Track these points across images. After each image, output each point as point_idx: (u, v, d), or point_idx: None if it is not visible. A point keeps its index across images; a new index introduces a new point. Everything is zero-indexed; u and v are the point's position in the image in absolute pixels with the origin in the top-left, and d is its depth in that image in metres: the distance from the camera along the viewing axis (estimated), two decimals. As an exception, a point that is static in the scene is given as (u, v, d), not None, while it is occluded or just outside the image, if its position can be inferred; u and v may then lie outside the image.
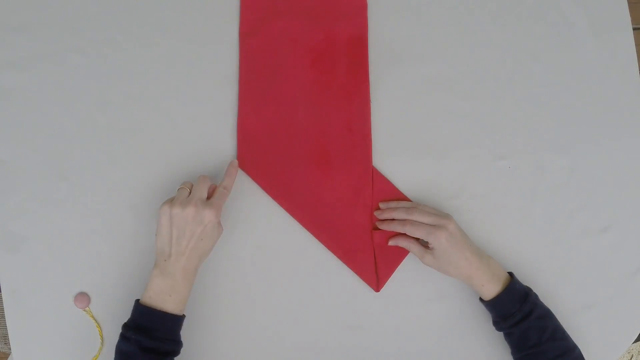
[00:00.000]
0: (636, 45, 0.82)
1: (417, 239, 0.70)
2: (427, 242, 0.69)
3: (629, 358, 1.27)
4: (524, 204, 0.76)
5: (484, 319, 0.73)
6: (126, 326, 0.62)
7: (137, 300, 0.63)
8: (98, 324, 0.69)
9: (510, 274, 0.69)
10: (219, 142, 0.74)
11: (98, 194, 0.72)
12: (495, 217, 0.75)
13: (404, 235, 0.70)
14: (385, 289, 0.72)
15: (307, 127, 0.75)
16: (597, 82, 0.80)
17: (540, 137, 0.78)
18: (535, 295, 0.68)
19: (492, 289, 0.67)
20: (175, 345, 0.62)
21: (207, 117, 0.75)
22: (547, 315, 0.67)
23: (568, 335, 0.67)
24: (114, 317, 0.69)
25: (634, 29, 0.82)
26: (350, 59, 0.77)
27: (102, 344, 0.69)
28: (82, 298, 0.69)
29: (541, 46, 0.80)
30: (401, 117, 0.77)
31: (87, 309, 0.69)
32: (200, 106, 0.75)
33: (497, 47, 0.80)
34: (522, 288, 0.68)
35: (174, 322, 0.62)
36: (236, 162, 0.71)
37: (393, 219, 0.72)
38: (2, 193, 0.71)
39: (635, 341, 1.11)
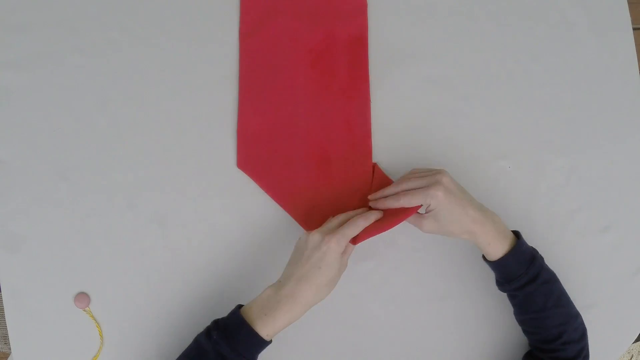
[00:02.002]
0: (636, 45, 0.82)
1: None
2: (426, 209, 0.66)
3: (629, 358, 1.27)
4: (524, 204, 0.76)
5: (484, 318, 0.73)
6: (216, 323, 0.61)
7: (239, 306, 0.62)
8: (98, 324, 0.69)
9: (517, 233, 0.67)
10: (219, 142, 0.74)
11: (98, 194, 0.72)
12: (495, 217, 0.75)
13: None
14: (385, 288, 0.72)
15: (307, 127, 0.75)
16: (597, 82, 0.80)
17: (540, 137, 0.78)
18: (542, 258, 0.67)
19: (498, 249, 0.64)
20: None
21: (207, 117, 0.75)
22: (552, 280, 0.66)
23: (572, 302, 0.67)
24: (114, 317, 0.70)
25: (634, 29, 0.82)
26: (350, 59, 0.77)
27: (102, 344, 0.69)
28: (82, 298, 0.69)
29: (541, 46, 0.80)
30: (401, 117, 0.77)
31: (87, 309, 0.69)
32: (200, 106, 0.75)
33: (497, 47, 0.80)
34: (528, 250, 0.66)
35: (257, 343, 0.60)
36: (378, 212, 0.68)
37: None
38: (2, 193, 0.71)
39: (635, 341, 1.11)
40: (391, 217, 0.67)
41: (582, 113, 0.79)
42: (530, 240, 0.75)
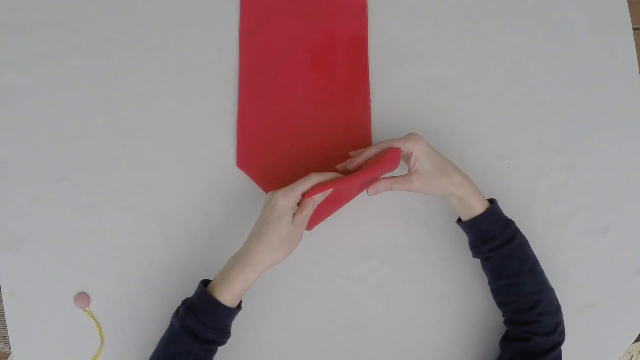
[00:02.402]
0: (636, 45, 0.82)
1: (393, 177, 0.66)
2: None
3: (629, 358, 1.27)
4: (524, 204, 0.76)
5: (483, 318, 0.73)
6: (184, 301, 0.62)
7: (202, 281, 0.62)
8: (98, 324, 0.69)
9: (492, 200, 0.68)
10: (219, 142, 0.74)
11: (98, 194, 0.72)
12: (495, 217, 0.75)
13: (380, 180, 0.66)
14: (386, 288, 0.72)
15: (307, 127, 0.75)
16: (597, 82, 0.80)
17: (540, 137, 0.78)
18: (517, 227, 0.67)
19: (479, 203, 0.65)
20: (220, 335, 0.60)
21: (207, 117, 0.75)
22: (527, 245, 0.66)
23: (545, 275, 0.66)
24: (114, 317, 0.70)
25: (634, 29, 0.82)
26: (350, 59, 0.77)
27: (102, 344, 0.69)
28: (82, 298, 0.69)
29: (541, 46, 0.80)
30: (401, 117, 0.77)
31: (87, 309, 0.69)
32: (200, 106, 0.75)
33: (497, 47, 0.80)
34: (504, 214, 0.67)
35: (222, 312, 0.60)
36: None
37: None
38: (2, 193, 0.71)
39: (635, 341, 1.11)
40: (359, 172, 0.65)
41: (582, 113, 0.79)
42: (530, 240, 0.75)
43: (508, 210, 0.75)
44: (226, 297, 0.60)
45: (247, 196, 0.73)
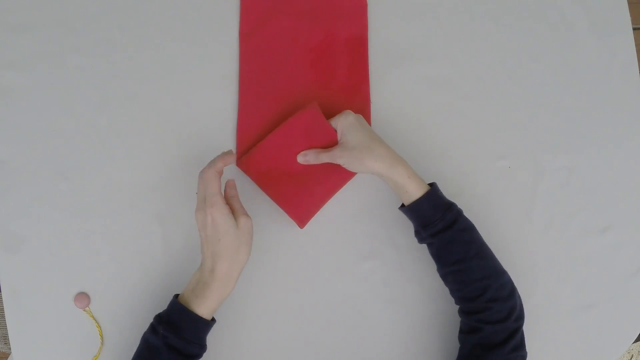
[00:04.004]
0: (636, 45, 0.82)
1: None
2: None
3: (629, 358, 1.27)
4: (524, 204, 0.76)
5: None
6: (159, 318, 0.61)
7: (175, 295, 0.62)
8: (98, 324, 0.69)
9: (433, 184, 0.67)
10: (219, 142, 0.74)
11: (98, 194, 0.72)
12: (495, 217, 0.75)
13: (310, 150, 0.69)
14: (385, 288, 0.72)
15: (307, 127, 0.75)
16: (597, 82, 0.80)
17: (540, 137, 0.78)
18: (460, 210, 0.65)
19: (416, 187, 0.64)
20: (200, 349, 0.61)
21: (207, 117, 0.75)
22: (471, 229, 0.64)
23: (496, 259, 0.64)
24: (114, 317, 0.70)
25: (634, 29, 0.82)
26: (350, 59, 0.77)
27: (102, 344, 0.69)
28: (82, 298, 0.69)
29: (541, 46, 0.80)
30: (401, 117, 0.77)
31: (87, 309, 0.69)
32: (200, 106, 0.75)
33: (497, 47, 0.80)
34: (445, 198, 0.65)
35: (202, 326, 0.61)
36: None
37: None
38: (2, 193, 0.71)
39: (635, 341, 1.11)
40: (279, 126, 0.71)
41: (582, 113, 0.79)
42: (530, 240, 0.75)
43: (508, 210, 0.75)
44: (203, 312, 0.61)
45: (247, 196, 0.73)
